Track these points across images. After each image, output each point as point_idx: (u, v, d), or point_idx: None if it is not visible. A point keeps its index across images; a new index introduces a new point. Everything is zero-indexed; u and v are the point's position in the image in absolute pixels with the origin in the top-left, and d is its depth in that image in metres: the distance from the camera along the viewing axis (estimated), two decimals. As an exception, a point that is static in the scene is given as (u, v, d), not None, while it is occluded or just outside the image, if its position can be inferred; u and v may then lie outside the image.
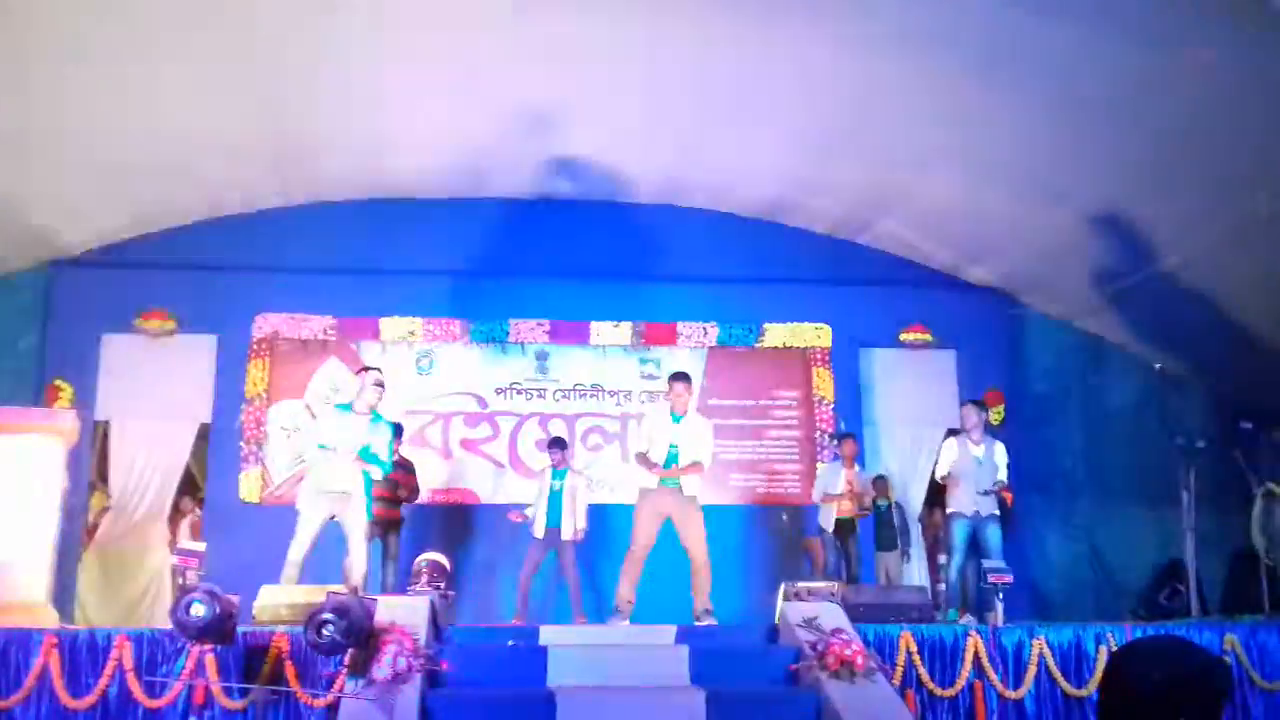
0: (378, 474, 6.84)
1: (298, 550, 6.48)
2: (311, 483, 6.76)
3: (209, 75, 7.48)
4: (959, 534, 7.49)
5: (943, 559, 8.38)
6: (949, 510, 7.68)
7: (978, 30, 6.76)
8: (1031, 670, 5.74)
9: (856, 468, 8.91)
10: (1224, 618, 6.82)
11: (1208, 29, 6.09)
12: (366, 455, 6.71)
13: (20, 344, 9.13)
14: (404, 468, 8.39)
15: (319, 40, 7.30)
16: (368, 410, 6.80)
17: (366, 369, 7.20)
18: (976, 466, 7.54)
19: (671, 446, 7.00)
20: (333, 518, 6.65)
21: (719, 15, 7.06)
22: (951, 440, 7.76)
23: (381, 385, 6.92)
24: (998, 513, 7.57)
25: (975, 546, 7.67)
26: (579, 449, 9.64)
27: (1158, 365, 8.84)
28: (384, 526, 8.14)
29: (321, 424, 7.04)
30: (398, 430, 7.56)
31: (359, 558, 6.61)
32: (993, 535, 7.45)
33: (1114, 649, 5.66)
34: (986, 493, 7.47)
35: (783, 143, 8.78)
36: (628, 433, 9.68)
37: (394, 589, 7.79)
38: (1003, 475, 7.58)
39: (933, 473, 8.27)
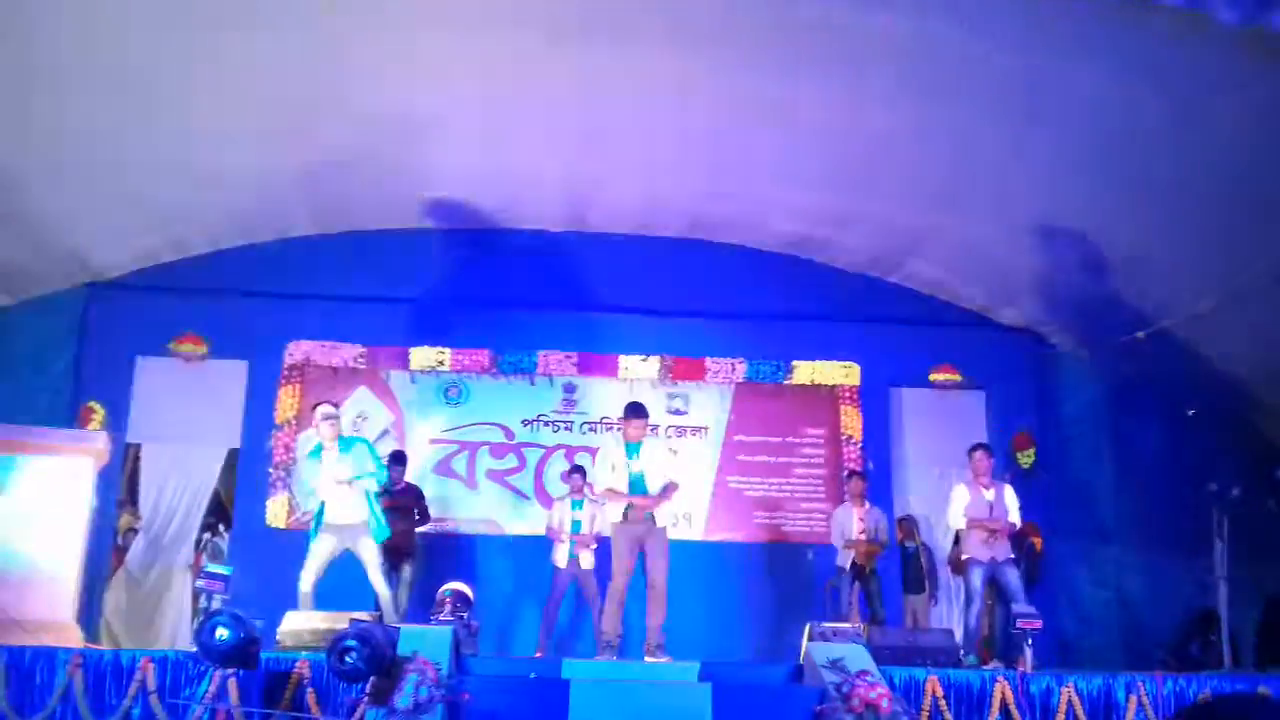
0: (373, 485, 6.94)
1: (306, 581, 6.69)
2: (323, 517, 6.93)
3: (242, 105, 7.55)
4: (976, 579, 7.36)
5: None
6: (965, 556, 7.56)
7: (1006, 72, 6.76)
8: (1060, 719, 5.65)
9: (867, 505, 8.79)
10: (1257, 670, 6.68)
11: (1239, 75, 6.06)
12: (359, 479, 6.84)
13: (55, 365, 9.23)
14: (413, 494, 8.52)
15: (352, 70, 7.39)
16: (332, 443, 6.94)
17: (316, 405, 7.30)
18: (989, 511, 7.45)
19: (634, 477, 6.96)
20: (345, 550, 6.79)
21: (749, 52, 7.10)
22: (961, 486, 7.64)
23: (330, 417, 7.03)
24: (1014, 556, 7.47)
25: (1000, 593, 7.58)
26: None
27: (1190, 410, 8.73)
28: (398, 554, 8.13)
29: (308, 475, 7.16)
30: (370, 445, 7.51)
31: (378, 586, 6.71)
32: (1013, 578, 7.34)
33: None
34: (992, 534, 7.35)
35: (814, 179, 8.78)
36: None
37: (406, 616, 7.79)
38: (1014, 518, 7.49)
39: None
